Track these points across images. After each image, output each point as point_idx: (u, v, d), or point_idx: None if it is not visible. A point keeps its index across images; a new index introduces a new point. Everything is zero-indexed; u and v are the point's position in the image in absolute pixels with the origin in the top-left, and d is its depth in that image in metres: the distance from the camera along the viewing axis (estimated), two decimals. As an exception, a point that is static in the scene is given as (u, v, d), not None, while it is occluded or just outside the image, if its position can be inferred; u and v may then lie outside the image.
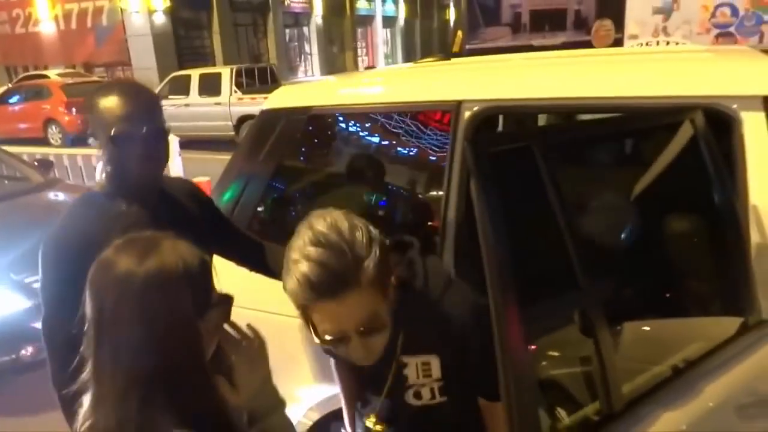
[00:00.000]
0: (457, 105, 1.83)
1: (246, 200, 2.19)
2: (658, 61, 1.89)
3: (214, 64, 16.77)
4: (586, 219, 1.52)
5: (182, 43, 17.83)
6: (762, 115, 1.52)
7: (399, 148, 2.06)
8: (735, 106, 1.53)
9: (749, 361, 1.41)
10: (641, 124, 1.47)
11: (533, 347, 1.46)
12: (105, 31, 17.44)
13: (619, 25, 6.28)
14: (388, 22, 30.25)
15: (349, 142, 2.25)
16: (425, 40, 32.70)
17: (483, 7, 8.87)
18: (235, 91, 11.26)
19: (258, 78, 12.16)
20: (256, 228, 2.11)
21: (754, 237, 1.54)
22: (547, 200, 1.11)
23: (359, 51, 28.16)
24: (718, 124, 1.58)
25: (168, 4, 16.62)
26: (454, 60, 2.51)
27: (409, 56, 30.22)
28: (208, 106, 11.26)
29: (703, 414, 1.27)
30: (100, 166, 1.87)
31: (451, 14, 30.90)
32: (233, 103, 11.07)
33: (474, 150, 0.99)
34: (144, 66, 16.20)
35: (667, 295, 1.83)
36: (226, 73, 11.59)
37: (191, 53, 18.04)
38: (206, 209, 1.70)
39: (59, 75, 14.11)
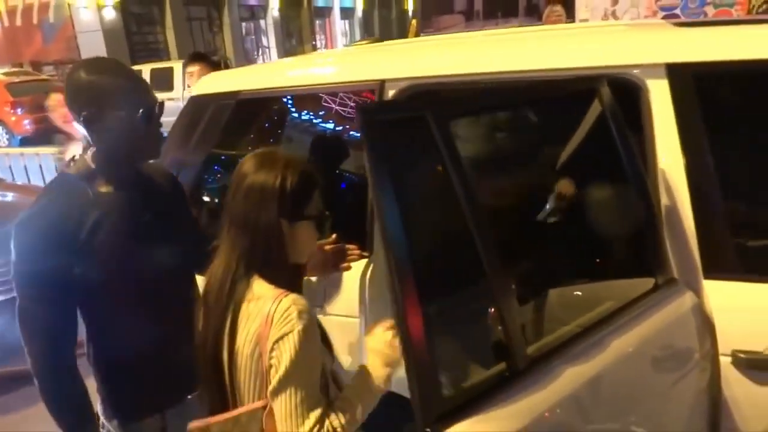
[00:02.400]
0: (381, 84, 1.85)
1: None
2: (573, 35, 1.94)
3: (168, 60, 16.42)
4: (500, 191, 1.56)
5: (134, 39, 17.39)
6: (665, 82, 1.58)
7: (328, 128, 2.07)
8: (638, 72, 1.59)
9: (659, 316, 1.47)
10: (548, 93, 1.50)
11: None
12: (53, 27, 16.88)
13: (570, 9, 6.39)
14: (346, 13, 30.03)
15: (278, 125, 2.25)
16: (384, 31, 32.59)
17: (437, -6, 8.91)
18: (189, 86, 11.01)
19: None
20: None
21: (664, 200, 1.60)
22: (445, 172, 1.12)
23: (318, 43, 27.90)
24: (630, 93, 1.63)
25: (118, -2, 16.19)
26: (386, 42, 2.53)
27: (368, 46, 29.95)
28: (162, 102, 11.00)
29: (613, 365, 1.32)
30: (75, 148, 1.78)
31: (410, 3, 30.81)
32: (187, 98, 10.84)
33: (364, 118, 1.00)
34: (95, 63, 15.69)
35: (589, 260, 1.89)
36: (178, 67, 11.35)
37: (144, 49, 17.61)
38: (179, 199, 1.64)
39: (5, 74, 13.62)
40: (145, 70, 11.63)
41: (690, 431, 1.53)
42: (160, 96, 1.44)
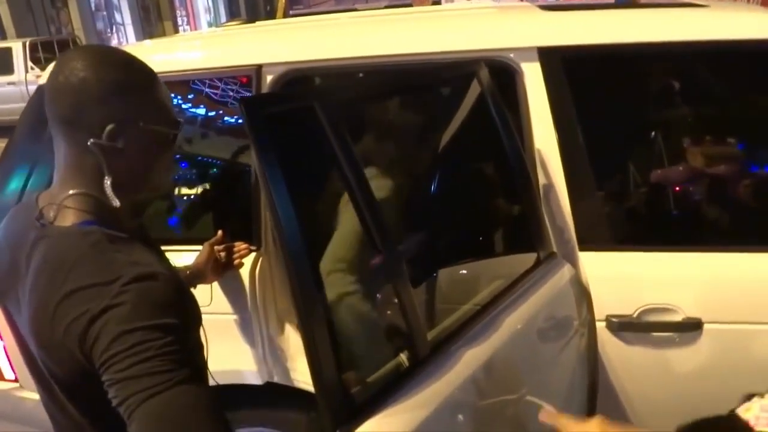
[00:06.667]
0: (257, 69, 1.75)
1: (35, 187, 1.95)
2: (450, 19, 1.97)
3: (4, 38, 14.66)
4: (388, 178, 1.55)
5: (-41, 15, 15.29)
6: (538, 65, 1.65)
7: (200, 114, 1.94)
8: (513, 56, 1.64)
9: (542, 290, 1.55)
10: (431, 78, 1.51)
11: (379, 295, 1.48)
12: None
13: (438, -11, 6.58)
14: (209, -12, 28.56)
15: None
16: (251, 7, 31.43)
17: (305, -29, 8.74)
18: (32, 68, 9.97)
19: (59, 52, 10.87)
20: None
21: (540, 178, 1.68)
22: (338, 164, 1.09)
23: (180, 20, 26.27)
24: (507, 75, 1.69)
25: (-66, -33, 14.07)
26: (258, 23, 2.41)
27: (234, 24, 28.73)
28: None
29: (505, 343, 1.37)
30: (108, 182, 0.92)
31: (275, -21, 29.91)
32: (31, 82, 9.78)
33: (248, 111, 0.93)
34: None
35: (476, 238, 1.96)
36: (17, 47, 10.20)
37: (-28, 26, 15.55)
38: None
39: None
40: (-23, 50, 10.32)
41: (573, 392, 1.64)
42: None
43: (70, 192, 0.92)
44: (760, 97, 1.69)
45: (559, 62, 1.63)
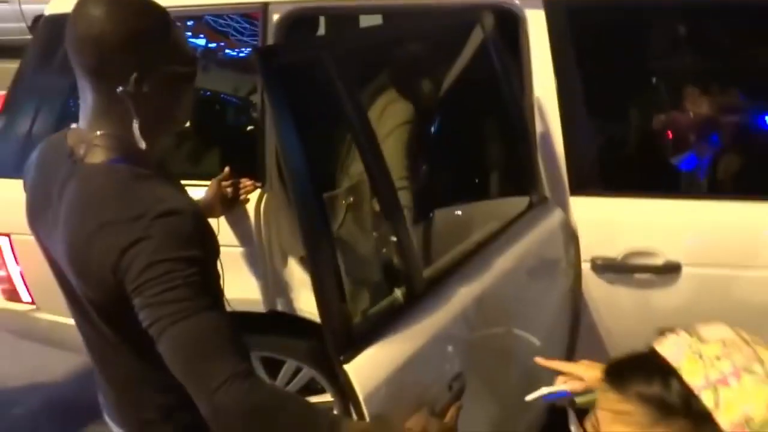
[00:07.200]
0: (264, 7, 1.76)
1: (45, 119, 2.00)
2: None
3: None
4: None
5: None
6: (542, 12, 1.67)
7: (199, 44, 1.96)
8: (518, 3, 1.66)
9: (533, 232, 1.64)
10: (436, 24, 1.54)
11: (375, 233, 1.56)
12: None
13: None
14: None
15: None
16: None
17: None
18: (27, -14, 9.62)
19: (52, -31, 10.45)
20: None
21: (537, 125, 1.73)
22: (344, 112, 1.14)
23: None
24: (510, 22, 1.70)
25: None
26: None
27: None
28: (-8, 5, 9.55)
29: (496, 280, 1.47)
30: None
31: None
32: (25, 0, 9.49)
33: (263, 62, 0.97)
34: None
35: (473, 181, 2.03)
36: (9, -37, 9.79)
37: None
38: None
39: None
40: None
41: (557, 328, 1.77)
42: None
43: (98, 132, 0.98)
44: (762, 50, 1.71)
45: (564, 11, 1.65)
